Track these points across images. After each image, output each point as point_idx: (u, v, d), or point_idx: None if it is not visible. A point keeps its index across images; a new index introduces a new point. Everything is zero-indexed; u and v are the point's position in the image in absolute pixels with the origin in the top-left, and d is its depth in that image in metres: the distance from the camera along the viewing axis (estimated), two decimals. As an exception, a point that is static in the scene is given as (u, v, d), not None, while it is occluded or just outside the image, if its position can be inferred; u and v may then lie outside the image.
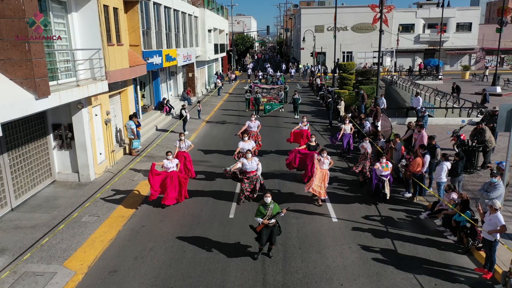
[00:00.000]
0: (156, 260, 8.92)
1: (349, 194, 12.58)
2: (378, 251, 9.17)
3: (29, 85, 8.97)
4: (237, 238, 9.79)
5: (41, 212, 11.23)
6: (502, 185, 8.88)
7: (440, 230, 10.11)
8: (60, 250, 9.16)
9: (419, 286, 7.84)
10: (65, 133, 13.45)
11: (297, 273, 8.32)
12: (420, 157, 11.71)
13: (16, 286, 7.80)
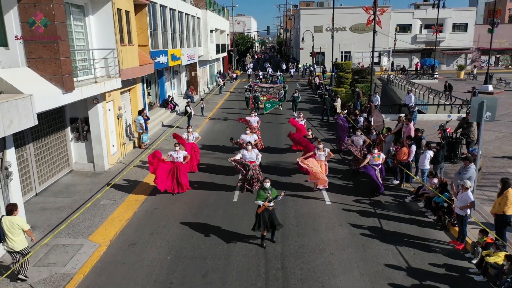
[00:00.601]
0: (169, 235, 10.10)
1: (342, 182, 13.75)
2: (365, 227, 10.35)
3: (57, 80, 10.16)
4: (241, 218, 10.96)
5: (63, 197, 12.41)
6: (473, 168, 10.06)
7: (422, 211, 11.30)
8: (84, 227, 10.35)
9: (399, 255, 9.02)
10: (81, 126, 14.63)
11: (294, 245, 9.51)
12: (406, 147, 12.89)
13: (49, 255, 8.99)
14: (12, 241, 7.69)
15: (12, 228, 7.64)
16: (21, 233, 7.76)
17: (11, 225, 7.63)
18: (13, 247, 7.72)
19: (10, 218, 7.70)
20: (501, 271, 7.67)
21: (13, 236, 7.66)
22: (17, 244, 7.73)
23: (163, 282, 8.18)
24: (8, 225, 7.63)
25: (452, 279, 8.16)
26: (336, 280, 8.12)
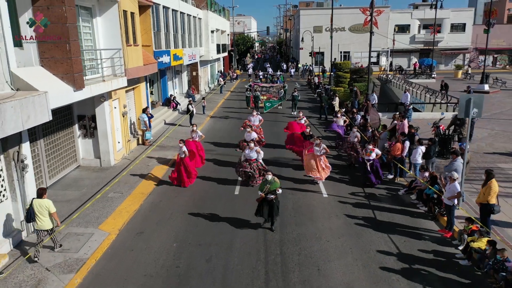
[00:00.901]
0: (175, 225, 10.70)
1: (339, 176, 14.34)
2: (360, 218, 10.95)
3: (69, 79, 10.75)
4: (242, 209, 11.54)
5: (72, 190, 13.01)
6: (459, 161, 10.66)
7: (414, 202, 11.90)
8: (94, 218, 10.94)
9: (391, 242, 9.62)
10: (88, 124, 15.23)
11: (292, 233, 10.11)
12: (400, 142, 13.49)
13: (63, 242, 9.58)
14: (41, 221, 8.70)
15: (41, 209, 8.66)
16: (46, 214, 8.71)
17: (40, 207, 8.64)
18: (41, 226, 8.72)
19: (39, 201, 8.73)
20: (484, 255, 8.27)
21: (42, 216, 8.69)
22: (45, 223, 8.75)
23: (170, 266, 8.77)
24: (38, 206, 8.64)
25: (439, 263, 8.75)
26: (331, 265, 8.71)
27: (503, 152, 16.17)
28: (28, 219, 8.87)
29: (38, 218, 8.68)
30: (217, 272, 8.52)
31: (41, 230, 8.76)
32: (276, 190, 10.05)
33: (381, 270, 8.49)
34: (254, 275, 8.39)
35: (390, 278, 8.20)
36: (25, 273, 8.33)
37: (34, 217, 8.70)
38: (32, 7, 10.31)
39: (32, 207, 8.70)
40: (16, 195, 9.59)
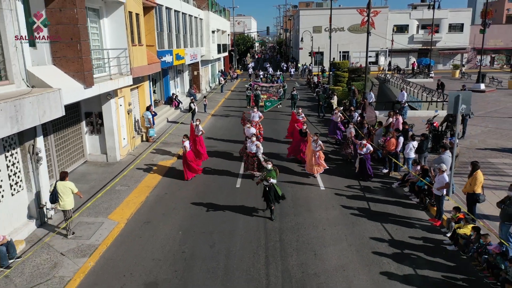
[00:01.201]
0: (179, 215, 11.31)
1: (336, 170, 14.95)
2: (355, 208, 11.56)
3: (79, 77, 11.37)
4: (243, 200, 12.16)
5: (81, 183, 13.58)
6: (448, 154, 11.27)
7: (407, 194, 12.51)
8: (103, 208, 11.56)
9: (383, 230, 10.23)
10: (95, 120, 15.84)
11: (290, 222, 10.72)
12: (395, 138, 14.10)
13: (75, 230, 10.19)
14: (64, 201, 9.72)
15: (64, 190, 9.70)
16: (70, 195, 9.73)
17: (64, 188, 9.71)
18: (64, 206, 9.70)
19: (63, 183, 9.76)
20: (469, 241, 8.88)
21: (65, 197, 9.70)
22: (67, 204, 9.77)
23: (176, 251, 9.39)
24: (62, 188, 9.65)
25: (428, 248, 9.36)
26: (327, 250, 9.32)
27: (494, 148, 16.79)
28: (52, 201, 9.85)
29: (61, 199, 9.68)
30: (220, 256, 9.13)
31: (64, 210, 9.74)
32: (271, 179, 10.61)
33: (373, 254, 9.10)
34: (255, 259, 9.01)
35: (382, 262, 8.81)
36: (41, 257, 8.94)
37: (57, 198, 9.63)
38: (45, 9, 10.92)
39: (56, 189, 9.67)
40: (31, 186, 10.21)
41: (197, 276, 8.39)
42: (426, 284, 8.02)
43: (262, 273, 8.46)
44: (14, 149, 9.81)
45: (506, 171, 13.86)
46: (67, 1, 10.83)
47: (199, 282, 8.20)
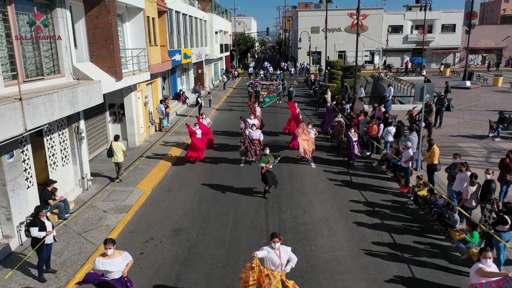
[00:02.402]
0: (194, 187, 13.70)
1: (326, 153, 17.37)
2: (339, 181, 13.98)
3: (112, 72, 13.77)
4: (246, 176, 14.56)
5: (109, 163, 15.92)
6: (414, 135, 13.69)
7: (384, 171, 14.93)
8: (131, 181, 13.97)
9: (361, 195, 12.64)
10: (118, 111, 18.25)
11: (285, 190, 13.12)
12: (376, 125, 16.51)
13: (111, 196, 12.61)
14: (117, 156, 13.52)
15: (117, 148, 13.46)
16: (121, 152, 13.57)
17: (117, 146, 13.49)
18: (117, 159, 13.24)
19: (116, 143, 13.56)
20: (425, 200, 11.29)
21: (117, 153, 13.49)
22: (119, 158, 13.58)
23: (194, 210, 11.79)
24: (115, 146, 13.49)
25: (395, 207, 11.77)
26: (314, 208, 11.73)
27: (465, 135, 19.20)
28: (109, 155, 13.62)
29: (115, 154, 13.47)
30: (230, 214, 11.52)
31: (117, 163, 13.62)
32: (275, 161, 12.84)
33: (350, 211, 11.51)
34: (257, 215, 11.41)
35: (356, 215, 11.22)
36: (89, 213, 11.36)
37: (113, 154, 13.47)
38: (85, 16, 13.33)
39: (112, 147, 13.46)
40: (76, 159, 12.63)
41: (212, 226, 10.80)
42: (389, 229, 10.42)
43: (262, 223, 10.87)
44: (64, 129, 12.22)
45: (469, 152, 16.29)
46: (103, 10, 13.23)
47: (214, 229, 10.60)
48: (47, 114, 9.36)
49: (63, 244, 9.64)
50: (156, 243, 9.90)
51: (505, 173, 11.08)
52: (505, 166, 11.18)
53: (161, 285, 8.21)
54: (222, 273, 8.58)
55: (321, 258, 9.09)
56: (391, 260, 8.99)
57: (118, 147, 13.51)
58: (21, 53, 9.91)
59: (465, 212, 9.48)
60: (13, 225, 9.34)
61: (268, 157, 12.74)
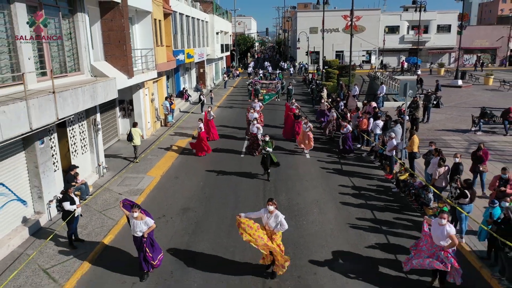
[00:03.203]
0: (199, 174, 15.10)
1: (320, 146, 18.75)
2: (330, 169, 15.38)
3: (125, 70, 15.17)
4: (246, 165, 15.94)
5: (120, 154, 17.41)
6: (398, 127, 15.08)
7: (372, 160, 16.33)
8: (142, 169, 15.37)
9: (349, 181, 14.04)
10: (127, 106, 19.65)
11: (282, 177, 14.51)
12: (366, 119, 17.91)
13: (125, 181, 14.01)
14: (135, 140, 15.76)
15: (135, 132, 15.78)
16: (138, 136, 15.97)
17: (135, 131, 15.81)
18: (136, 143, 15.24)
19: (134, 128, 15.99)
20: (405, 184, 12.69)
21: (136, 137, 15.81)
22: (137, 141, 15.89)
23: (199, 193, 13.20)
24: (134, 131, 15.79)
25: (379, 191, 13.17)
26: (307, 192, 13.13)
27: (450, 129, 20.60)
28: (128, 139, 15.97)
29: (134, 138, 15.78)
30: (231, 196, 12.92)
31: (135, 146, 15.99)
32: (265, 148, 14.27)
33: (339, 194, 12.91)
34: (256, 196, 12.82)
35: (344, 197, 12.62)
36: (106, 195, 12.77)
37: (132, 138, 15.75)
38: (100, 19, 14.73)
39: (131, 132, 15.83)
40: (93, 148, 14.04)
41: (215, 206, 12.20)
42: (372, 208, 11.82)
43: (260, 203, 12.23)
44: (83, 121, 13.63)
45: (451, 144, 17.71)
46: (116, 14, 14.63)
47: (218, 208, 12.00)
48: (74, 106, 10.76)
49: (86, 219, 11.04)
50: (168, 219, 11.31)
51: (477, 165, 12.39)
52: (478, 158, 12.48)
53: (174, 249, 9.63)
54: (225, 241, 9.99)
55: (311, 230, 10.50)
56: (371, 231, 10.40)
57: (136, 132, 15.93)
58: (49, 53, 11.30)
59: (436, 190, 10.86)
60: (44, 202, 10.74)
61: (268, 143, 14.18)
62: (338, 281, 8.35)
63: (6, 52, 9.66)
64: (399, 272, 8.60)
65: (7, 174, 9.73)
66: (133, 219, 8.02)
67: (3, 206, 9.58)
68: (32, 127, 8.82)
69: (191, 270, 8.79)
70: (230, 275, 8.55)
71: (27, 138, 9.99)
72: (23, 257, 9.15)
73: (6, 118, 7.89)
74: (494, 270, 8.25)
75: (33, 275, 8.49)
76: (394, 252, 9.43)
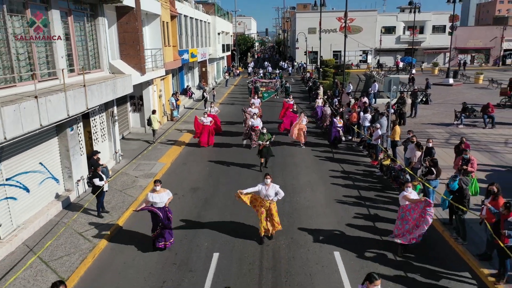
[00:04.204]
0: (205, 162, 16.81)
1: (315, 138, 20.49)
2: (323, 157, 17.11)
3: (138, 67, 16.88)
4: (246, 155, 17.62)
5: (131, 145, 19.13)
6: (384, 119, 16.80)
7: (360, 149, 18.06)
8: (153, 156, 17.10)
9: (339, 166, 15.77)
10: (137, 102, 21.36)
11: (279, 164, 16.25)
12: (356, 113, 19.63)
13: (139, 167, 15.73)
14: (154, 124, 18.77)
15: (154, 119, 18.73)
16: (157, 122, 18.86)
17: (153, 117, 18.82)
18: (154, 127, 17.81)
19: (153, 115, 18.97)
20: (388, 168, 14.41)
21: (154, 122, 18.76)
22: (155, 126, 18.95)
23: (206, 176, 14.92)
24: (153, 118, 18.76)
25: (365, 174, 14.90)
26: (301, 176, 14.84)
27: (435, 123, 22.33)
28: (148, 124, 19.11)
29: (152, 123, 18.79)
30: (234, 179, 14.62)
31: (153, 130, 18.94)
32: (271, 138, 16.02)
33: (329, 176, 14.63)
34: (255, 177, 14.50)
35: (333, 179, 14.34)
36: (124, 178, 14.48)
37: (151, 123, 18.56)
38: (117, 22, 16.44)
39: (150, 118, 18.77)
40: (111, 137, 15.75)
41: (221, 187, 13.92)
42: (358, 188, 13.53)
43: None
44: (102, 113, 15.34)
45: (434, 136, 19.41)
46: (131, 17, 16.34)
47: (223, 189, 13.70)
48: (99, 98, 12.48)
49: (109, 196, 12.75)
50: (179, 196, 13.03)
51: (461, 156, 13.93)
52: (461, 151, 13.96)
53: (186, 219, 11.36)
54: (230, 212, 11.74)
55: (303, 205, 12.23)
56: (355, 205, 12.12)
57: (154, 119, 19.03)
58: (77, 52, 13.02)
59: (410, 171, 12.58)
60: (73, 181, 12.47)
61: (265, 135, 15.85)
62: (324, 239, 10.06)
63: (43, 51, 11.36)
64: (375, 235, 10.32)
65: (44, 155, 11.44)
66: (155, 194, 9.59)
67: (42, 182, 11.31)
68: (69, 114, 10.53)
69: (202, 234, 10.53)
70: (234, 237, 10.27)
71: (59, 125, 11.69)
72: (60, 225, 10.87)
73: (51, 105, 9.60)
74: (452, 232, 9.97)
75: (71, 237, 10.22)
76: (373, 220, 11.15)
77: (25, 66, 10.48)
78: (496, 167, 14.99)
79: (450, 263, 9.04)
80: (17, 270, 8.68)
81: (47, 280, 8.34)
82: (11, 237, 9.63)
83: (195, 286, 8.37)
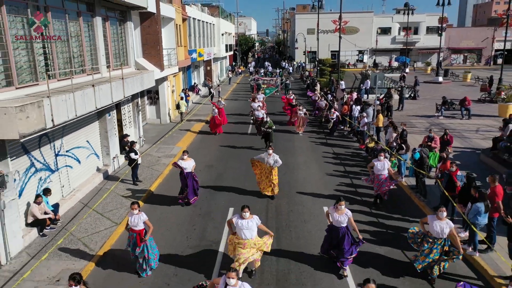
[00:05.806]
0: (215, 146, 19.48)
1: (311, 128, 23.16)
2: (318, 143, 19.78)
3: (158, 65, 19.54)
4: (251, 142, 20.29)
5: (150, 133, 21.77)
6: (371, 108, 19.46)
7: (351, 137, 20.72)
8: (171, 142, 19.76)
9: (331, 150, 18.43)
10: (153, 95, 24.02)
11: (280, 147, 18.86)
12: (348, 105, 22.31)
13: (160, 150, 18.38)
14: (182, 108, 22.82)
15: (182, 104, 23.71)
16: (184, 106, 21.71)
17: (182, 103, 22.08)
18: (182, 110, 21.15)
19: (181, 101, 23.84)
20: (372, 149, 17.07)
21: (182, 106, 23.60)
22: (183, 109, 24.09)
23: (218, 157, 17.58)
24: (181, 103, 22.07)
25: (353, 155, 17.56)
26: (298, 157, 17.50)
27: (419, 115, 25.00)
28: (177, 107, 23.11)
29: (181, 107, 23.37)
30: (243, 159, 17.24)
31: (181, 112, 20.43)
32: (271, 126, 18.70)
33: (322, 157, 17.31)
34: (260, 159, 17.18)
35: (326, 159, 17.00)
36: (149, 158, 17.14)
37: (179, 107, 20.95)
38: (140, 26, 19.11)
39: (179, 103, 20.96)
40: (136, 124, 18.41)
41: (231, 165, 16.57)
42: (345, 165, 16.20)
43: (264, 163, 16.64)
44: (129, 103, 18.00)
45: (416, 125, 22.10)
46: (152, 21, 18.99)
47: (233, 167, 16.34)
48: (132, 89, 15.14)
49: (139, 171, 15.36)
50: (196, 171, 15.63)
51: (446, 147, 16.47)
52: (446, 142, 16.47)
53: (204, 186, 14.03)
54: (240, 182, 14.40)
55: (298, 177, 14.90)
56: (341, 177, 14.80)
57: (182, 104, 23.63)
58: (112, 51, 15.68)
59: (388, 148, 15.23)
60: (110, 157, 15.12)
61: (268, 123, 18.50)
62: (316, 199, 12.71)
63: (89, 51, 14.01)
64: (355, 196, 12.98)
65: (89, 135, 14.10)
66: (183, 161, 12.28)
67: (88, 156, 13.97)
68: (113, 100, 13.19)
69: (219, 195, 13.24)
70: (245, 196, 12.95)
71: (100, 111, 14.33)
72: (104, 190, 13.53)
73: (102, 93, 12.25)
74: (417, 193, 12.65)
75: (115, 197, 12.89)
76: (355, 187, 13.82)
77: (78, 62, 13.14)
78: (464, 149, 17.67)
79: (414, 212, 11.72)
80: (79, 218, 11.34)
81: (104, 224, 11.01)
82: (70, 196, 12.30)
83: (217, 229, 11.02)
